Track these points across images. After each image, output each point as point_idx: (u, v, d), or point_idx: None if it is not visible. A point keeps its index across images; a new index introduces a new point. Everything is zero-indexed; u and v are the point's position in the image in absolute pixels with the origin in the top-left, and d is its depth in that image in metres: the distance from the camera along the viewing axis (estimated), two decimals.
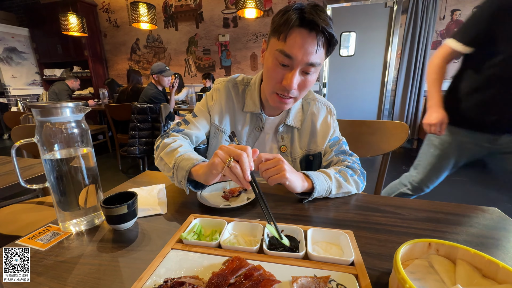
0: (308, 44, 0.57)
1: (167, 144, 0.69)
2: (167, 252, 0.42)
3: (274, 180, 0.55)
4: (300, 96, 0.68)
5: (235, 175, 0.48)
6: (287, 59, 0.59)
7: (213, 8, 4.02)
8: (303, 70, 0.61)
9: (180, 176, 0.59)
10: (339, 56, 3.73)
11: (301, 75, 0.62)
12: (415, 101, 3.40)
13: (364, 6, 3.46)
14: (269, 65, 0.64)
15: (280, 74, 0.63)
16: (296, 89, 0.64)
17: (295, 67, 0.60)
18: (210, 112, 0.81)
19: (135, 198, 0.51)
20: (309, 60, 0.59)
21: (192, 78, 4.43)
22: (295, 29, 0.57)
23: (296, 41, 0.57)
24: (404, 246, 0.36)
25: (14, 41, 4.58)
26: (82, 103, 0.50)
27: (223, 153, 0.49)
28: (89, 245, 0.47)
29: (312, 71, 0.62)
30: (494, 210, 0.58)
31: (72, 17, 3.27)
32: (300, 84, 0.63)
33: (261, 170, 0.56)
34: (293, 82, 0.61)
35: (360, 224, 0.53)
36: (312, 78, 0.64)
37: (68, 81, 3.76)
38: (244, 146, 0.50)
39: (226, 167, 0.48)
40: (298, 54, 0.58)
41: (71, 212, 0.52)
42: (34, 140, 0.48)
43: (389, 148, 0.97)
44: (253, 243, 0.46)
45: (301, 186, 0.59)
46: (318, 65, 0.61)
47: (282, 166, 0.56)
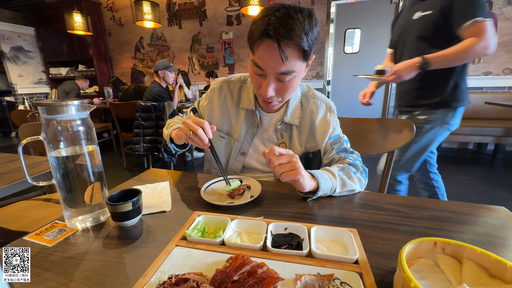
0: (274, 56, 0.57)
1: (170, 121, 0.88)
2: (171, 249, 0.43)
3: (288, 176, 0.55)
4: (284, 99, 0.69)
5: (197, 143, 0.62)
6: (259, 69, 0.61)
7: (216, 6, 4.01)
8: (278, 78, 0.62)
9: (166, 135, 0.80)
10: (343, 53, 3.69)
11: (277, 82, 0.63)
12: None
13: (369, 3, 3.42)
14: (250, 73, 0.67)
15: (259, 82, 0.65)
16: (275, 95, 0.65)
17: (267, 76, 0.62)
18: (203, 111, 0.86)
19: (139, 195, 0.52)
20: (279, 70, 0.59)
21: (195, 76, 4.44)
22: (262, 40, 0.58)
23: (262, 53, 0.59)
24: (409, 244, 0.36)
25: (20, 40, 4.64)
26: (87, 101, 0.51)
27: (184, 127, 0.63)
28: (94, 242, 0.48)
29: (287, 79, 0.62)
30: (502, 209, 0.57)
31: (77, 15, 3.29)
32: (278, 90, 0.64)
33: (273, 164, 0.56)
34: (267, 90, 0.62)
35: (364, 223, 0.52)
36: (290, 84, 0.63)
37: (78, 81, 3.87)
38: (201, 120, 0.62)
39: (188, 138, 0.62)
40: (266, 66, 0.60)
41: (77, 209, 0.52)
42: (41, 138, 0.49)
43: (394, 146, 0.96)
44: (256, 240, 0.46)
45: (309, 186, 0.59)
46: (291, 73, 0.60)
47: (297, 162, 0.55)
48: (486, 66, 3.12)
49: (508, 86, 3.11)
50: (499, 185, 2.26)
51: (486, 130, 2.86)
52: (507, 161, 2.90)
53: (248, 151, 0.81)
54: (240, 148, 0.80)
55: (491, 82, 3.15)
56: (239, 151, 0.81)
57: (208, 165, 0.89)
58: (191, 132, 0.61)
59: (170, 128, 0.81)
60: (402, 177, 1.40)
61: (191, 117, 0.66)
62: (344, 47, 3.66)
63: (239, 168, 0.82)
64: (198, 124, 0.61)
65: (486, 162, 2.91)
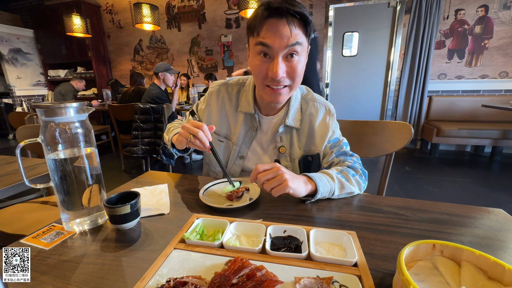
0: (281, 29, 0.59)
1: (169, 126, 0.88)
2: (169, 252, 0.42)
3: (277, 191, 0.55)
4: (295, 84, 0.67)
5: (198, 146, 0.63)
6: (266, 48, 0.61)
7: (215, 9, 4.03)
8: (286, 55, 0.62)
9: (167, 139, 0.79)
10: (341, 56, 3.71)
11: (285, 61, 0.62)
12: (419, 101, 3.38)
13: (367, 6, 3.45)
14: (254, 62, 0.66)
15: (265, 67, 0.63)
16: (285, 76, 0.64)
17: (276, 55, 0.61)
18: (202, 114, 0.85)
19: (138, 198, 0.51)
20: (288, 42, 0.59)
21: (194, 78, 4.45)
22: (265, 20, 0.60)
23: (268, 30, 0.60)
24: (408, 247, 0.36)
25: (19, 42, 4.63)
26: (86, 104, 0.51)
27: (184, 132, 0.64)
28: (92, 245, 0.47)
29: (295, 54, 0.62)
30: (500, 211, 0.57)
31: (76, 18, 3.30)
32: (288, 71, 0.63)
33: (260, 181, 0.57)
34: (278, 70, 0.61)
35: (363, 225, 0.52)
36: (299, 62, 0.63)
37: (73, 81, 3.80)
38: (200, 123, 0.63)
39: (188, 142, 0.63)
40: (274, 41, 0.60)
41: (74, 211, 0.52)
42: (39, 140, 0.48)
43: (392, 149, 0.97)
44: (255, 243, 0.45)
45: (305, 190, 0.59)
46: (299, 45, 0.61)
47: (283, 175, 0.55)
48: (483, 69, 3.15)
49: (505, 89, 3.14)
50: (497, 188, 2.27)
51: (483, 133, 2.88)
52: (505, 164, 2.92)
53: (247, 155, 0.81)
54: (238, 152, 0.80)
55: (488, 85, 3.18)
56: (238, 155, 0.81)
57: (207, 168, 0.89)
58: (191, 136, 0.62)
59: (170, 133, 0.80)
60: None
61: (190, 121, 0.67)
62: (343, 50, 3.68)
63: (238, 171, 0.82)
64: (197, 127, 0.62)
65: (484, 165, 2.93)
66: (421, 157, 3.25)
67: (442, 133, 3.00)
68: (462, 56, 3.18)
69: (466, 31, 3.10)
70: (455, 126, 2.97)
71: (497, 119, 3.11)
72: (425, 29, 3.11)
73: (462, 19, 3.08)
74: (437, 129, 3.04)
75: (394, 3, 3.35)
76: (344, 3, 3.44)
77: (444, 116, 3.33)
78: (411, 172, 2.70)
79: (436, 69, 3.30)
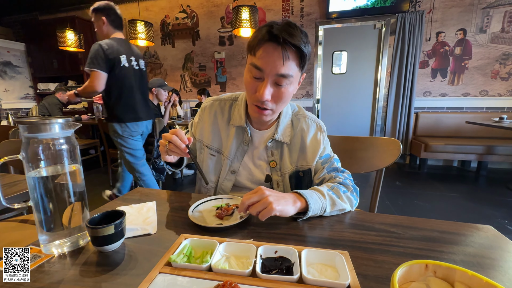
0: (275, 56, 0.60)
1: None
2: (154, 277, 0.40)
3: (263, 215, 0.54)
4: (278, 108, 0.69)
5: (176, 152, 0.64)
6: (258, 71, 0.63)
7: (209, 27, 4.14)
8: (275, 81, 0.63)
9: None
10: (331, 74, 3.84)
11: (274, 86, 0.64)
12: (406, 117, 3.49)
13: (354, 28, 3.63)
14: (246, 79, 0.67)
15: (254, 86, 0.65)
16: (270, 100, 0.65)
17: (265, 78, 0.63)
18: (194, 129, 0.86)
19: (123, 217, 0.49)
20: (278, 72, 0.61)
21: (187, 93, 4.47)
22: (264, 43, 0.61)
23: (263, 54, 0.61)
24: (401, 268, 0.35)
25: (9, 56, 4.58)
26: (72, 119, 0.49)
27: (162, 141, 0.66)
28: (71, 269, 0.44)
29: (284, 83, 0.63)
30: (489, 228, 0.57)
31: (70, 33, 3.31)
32: (274, 96, 0.65)
33: (244, 205, 0.56)
34: (264, 93, 0.63)
35: (355, 244, 0.52)
36: (286, 90, 0.65)
37: (57, 94, 3.66)
38: (175, 130, 0.64)
39: (166, 150, 0.65)
40: (266, 66, 0.61)
41: (54, 232, 0.49)
42: (20, 157, 0.46)
43: (382, 164, 0.98)
44: (245, 265, 0.44)
45: (294, 209, 0.58)
46: (289, 76, 0.62)
47: (267, 199, 0.55)
48: (465, 88, 3.31)
49: (486, 107, 3.29)
50: (484, 202, 2.32)
51: (468, 148, 2.97)
52: (490, 178, 3.00)
53: (239, 170, 0.80)
54: (230, 166, 0.79)
55: (470, 103, 3.33)
56: (229, 169, 0.80)
57: (199, 184, 0.87)
58: (167, 143, 0.64)
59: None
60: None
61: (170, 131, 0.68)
62: (332, 68, 3.82)
63: (229, 187, 0.80)
64: (172, 133, 0.64)
65: (471, 179, 3.00)
66: (411, 172, 3.31)
67: (429, 148, 3.08)
68: (444, 75, 3.34)
69: (447, 52, 3.28)
70: (442, 142, 3.06)
71: (480, 135, 3.23)
72: (409, 50, 3.28)
73: (443, 41, 3.27)
74: (425, 144, 3.12)
75: (379, 25, 3.53)
76: (333, 24, 3.61)
77: (431, 132, 3.43)
78: (402, 187, 2.73)
79: (421, 87, 3.44)
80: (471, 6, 3.12)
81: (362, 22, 3.52)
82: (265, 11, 3.84)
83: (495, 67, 3.16)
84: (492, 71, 3.18)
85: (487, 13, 3.09)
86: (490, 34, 3.12)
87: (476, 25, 3.14)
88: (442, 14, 3.21)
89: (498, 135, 3.12)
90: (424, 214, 2.10)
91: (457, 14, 3.17)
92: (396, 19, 3.29)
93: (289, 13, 3.74)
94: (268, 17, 3.85)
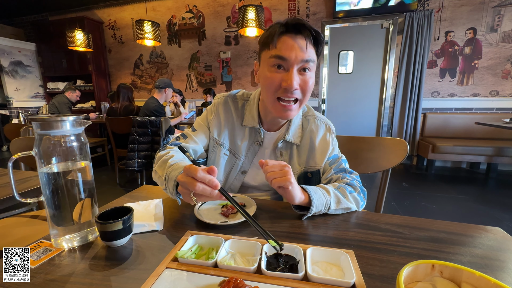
0: (298, 43, 0.62)
1: (161, 156, 0.71)
2: (161, 272, 0.41)
3: (278, 182, 0.56)
4: (304, 99, 0.68)
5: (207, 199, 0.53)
6: (282, 61, 0.63)
7: (215, 27, 4.16)
8: (300, 69, 0.64)
9: (171, 187, 0.58)
10: (337, 74, 3.81)
11: (299, 74, 0.64)
12: (413, 118, 3.44)
13: (361, 27, 3.59)
14: (266, 75, 0.66)
15: (279, 78, 0.64)
16: (298, 89, 0.65)
17: (291, 67, 0.63)
18: (210, 126, 0.82)
19: (131, 213, 0.50)
20: (303, 57, 0.62)
21: (193, 92, 4.51)
22: (282, 35, 0.63)
23: (286, 43, 0.62)
24: (407, 267, 0.35)
25: (20, 55, 4.70)
26: (82, 117, 0.51)
27: (182, 189, 0.51)
28: (81, 263, 0.45)
29: (308, 70, 0.64)
30: (498, 230, 0.56)
31: (79, 33, 3.38)
32: (301, 84, 0.65)
33: (266, 171, 0.58)
34: (293, 80, 0.62)
35: (361, 243, 0.51)
36: (310, 78, 0.66)
37: (66, 93, 3.75)
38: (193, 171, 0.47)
39: (195, 201, 0.51)
40: (291, 54, 0.62)
41: (64, 227, 0.50)
42: (32, 154, 0.48)
43: (389, 165, 0.97)
44: (250, 262, 0.44)
45: (299, 197, 0.59)
46: (312, 62, 0.64)
47: (288, 171, 0.57)
48: (474, 88, 3.25)
49: (496, 107, 3.22)
50: (493, 205, 2.27)
51: (478, 150, 2.92)
52: (500, 181, 2.93)
53: (248, 170, 0.80)
54: (241, 167, 0.80)
55: (480, 103, 3.26)
56: (240, 170, 0.80)
57: None
58: (192, 194, 0.50)
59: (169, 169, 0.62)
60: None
61: (183, 170, 0.51)
62: (338, 67, 3.79)
63: (238, 186, 0.81)
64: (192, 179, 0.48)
65: (480, 182, 2.94)
66: (418, 173, 3.26)
67: (437, 149, 3.03)
68: (453, 75, 3.28)
69: (457, 51, 3.22)
70: (450, 143, 3.01)
71: (490, 136, 3.16)
72: (417, 49, 3.23)
73: (452, 40, 3.21)
74: (433, 145, 3.07)
75: (387, 24, 3.49)
76: (339, 23, 3.59)
77: (439, 132, 3.38)
78: (408, 188, 2.70)
79: (429, 87, 3.39)
80: (482, 4, 3.05)
81: (369, 21, 3.48)
82: (271, 11, 3.84)
83: (506, 67, 3.09)
84: (503, 71, 3.11)
85: (498, 11, 3.02)
86: (501, 33, 3.05)
87: (487, 24, 3.07)
88: (451, 13, 3.15)
89: (509, 137, 3.05)
90: (431, 216, 2.07)
91: (466, 13, 3.11)
92: (404, 18, 3.25)
93: (295, 13, 3.73)
94: (274, 17, 3.84)
